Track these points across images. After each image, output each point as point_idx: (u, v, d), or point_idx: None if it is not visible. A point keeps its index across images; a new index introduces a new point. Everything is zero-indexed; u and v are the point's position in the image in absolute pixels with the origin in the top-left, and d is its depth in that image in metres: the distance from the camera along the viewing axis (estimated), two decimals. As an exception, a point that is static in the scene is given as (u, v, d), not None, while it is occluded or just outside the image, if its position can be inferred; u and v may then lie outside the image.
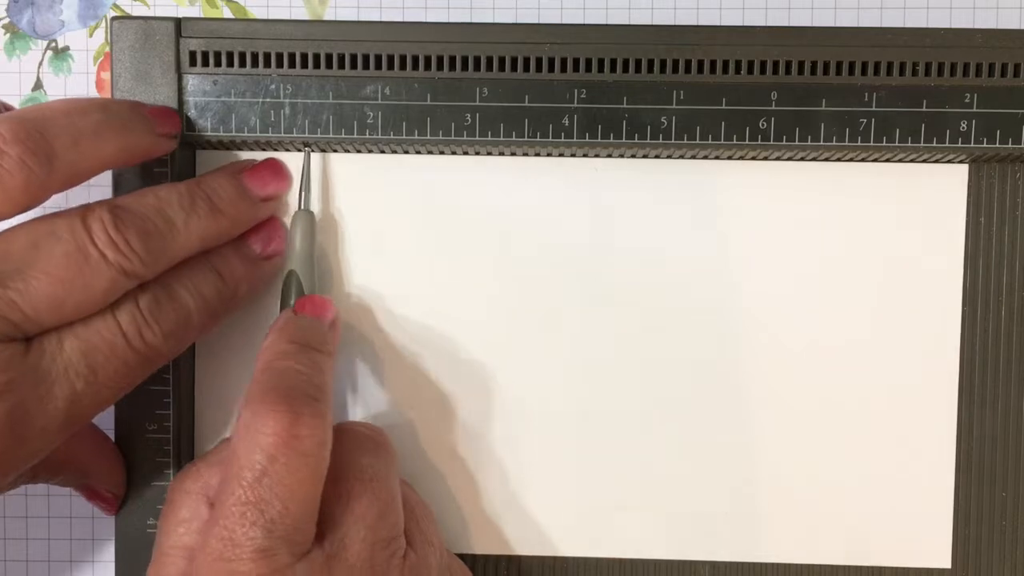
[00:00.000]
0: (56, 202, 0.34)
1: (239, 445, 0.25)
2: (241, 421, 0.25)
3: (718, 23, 0.34)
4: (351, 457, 0.27)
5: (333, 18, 0.34)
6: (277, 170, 0.31)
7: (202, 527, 0.25)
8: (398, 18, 0.34)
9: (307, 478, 0.25)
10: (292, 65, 0.30)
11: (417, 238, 0.32)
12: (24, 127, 0.25)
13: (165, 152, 0.30)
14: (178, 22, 0.30)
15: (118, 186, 0.30)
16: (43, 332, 0.25)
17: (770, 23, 0.34)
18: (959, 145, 0.30)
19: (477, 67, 0.30)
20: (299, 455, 0.25)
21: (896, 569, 0.32)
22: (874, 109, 0.30)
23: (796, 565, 0.32)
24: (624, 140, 0.30)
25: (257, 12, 0.35)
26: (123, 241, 0.26)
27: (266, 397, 0.25)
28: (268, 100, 0.30)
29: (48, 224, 0.26)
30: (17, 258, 0.25)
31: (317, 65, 0.30)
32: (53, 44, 0.35)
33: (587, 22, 0.34)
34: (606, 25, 0.34)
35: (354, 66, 0.30)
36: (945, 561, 0.32)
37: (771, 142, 0.30)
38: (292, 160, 0.31)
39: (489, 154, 0.31)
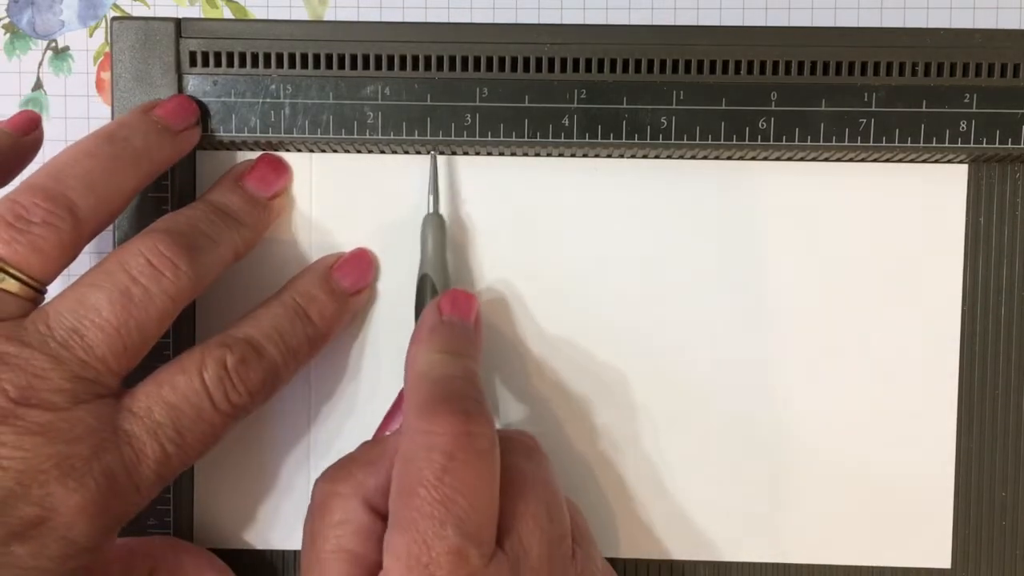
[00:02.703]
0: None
1: (413, 450, 0.25)
2: (410, 428, 0.25)
3: (718, 23, 0.34)
4: (511, 461, 0.27)
5: (333, 18, 0.35)
6: (275, 167, 0.31)
7: (368, 532, 0.25)
8: (398, 18, 0.34)
9: (486, 476, 0.24)
10: (292, 65, 0.30)
11: (417, 238, 0.32)
12: (40, 190, 0.26)
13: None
14: (178, 22, 0.30)
15: None
16: (133, 396, 0.26)
17: (770, 23, 0.34)
18: (959, 145, 0.30)
19: (477, 67, 0.30)
20: (476, 453, 0.24)
21: (896, 569, 0.32)
22: (874, 109, 0.30)
23: (796, 565, 0.32)
24: (624, 140, 0.30)
25: (257, 12, 0.35)
26: (170, 264, 0.26)
27: (436, 404, 0.25)
28: (268, 100, 0.30)
29: (90, 276, 0.26)
30: (69, 318, 0.25)
31: (317, 65, 0.30)
32: (53, 44, 0.35)
33: (587, 22, 0.34)
34: (606, 25, 0.34)
35: (354, 66, 0.30)
36: (945, 561, 0.32)
37: (771, 142, 0.30)
38: (292, 159, 0.31)
39: (489, 154, 0.31)
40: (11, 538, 0.23)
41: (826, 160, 0.31)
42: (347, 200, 0.32)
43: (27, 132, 0.29)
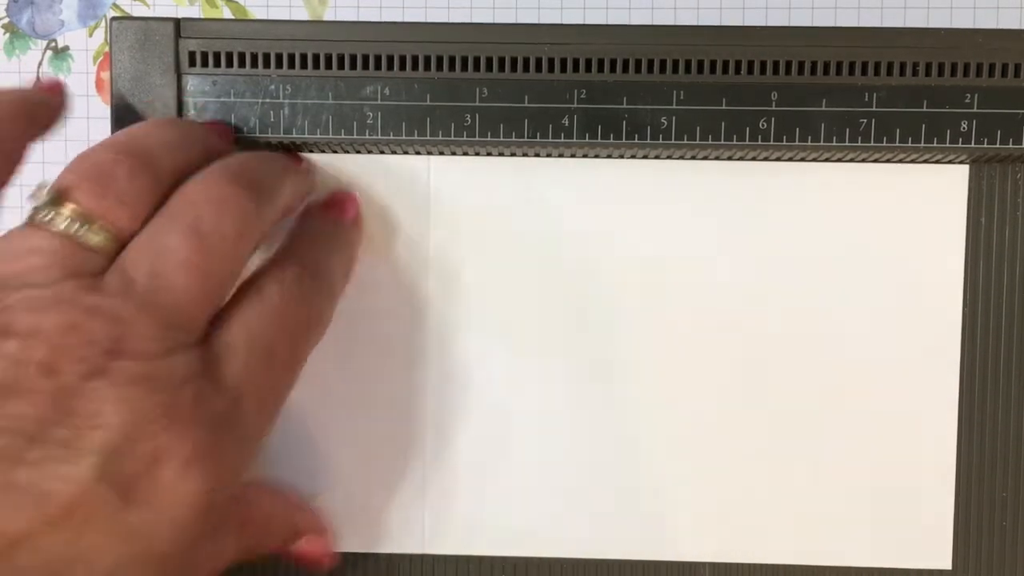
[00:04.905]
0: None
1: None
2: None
3: (718, 23, 0.34)
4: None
5: (333, 18, 0.35)
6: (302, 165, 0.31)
7: None
8: (398, 18, 0.35)
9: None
10: (291, 66, 0.30)
11: (417, 239, 0.32)
12: (122, 146, 0.26)
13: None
14: (177, 23, 0.30)
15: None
16: (219, 337, 0.25)
17: (770, 23, 0.34)
18: (959, 145, 0.30)
19: (477, 67, 0.30)
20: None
21: (896, 570, 0.32)
22: (874, 109, 0.30)
23: (796, 566, 0.32)
24: (624, 140, 0.30)
25: (257, 12, 0.35)
26: (235, 198, 0.26)
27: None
28: (267, 101, 0.30)
29: (156, 222, 0.25)
30: (146, 263, 0.24)
31: (316, 66, 0.30)
32: (53, 44, 0.35)
33: (587, 22, 0.34)
34: (606, 25, 0.34)
35: (354, 66, 0.30)
36: (945, 562, 0.32)
37: (771, 142, 0.30)
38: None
39: (489, 154, 0.31)
40: (126, 503, 0.22)
41: (826, 160, 0.31)
42: (347, 200, 0.32)
43: (55, 95, 0.29)
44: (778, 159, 0.31)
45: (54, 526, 0.21)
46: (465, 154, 0.31)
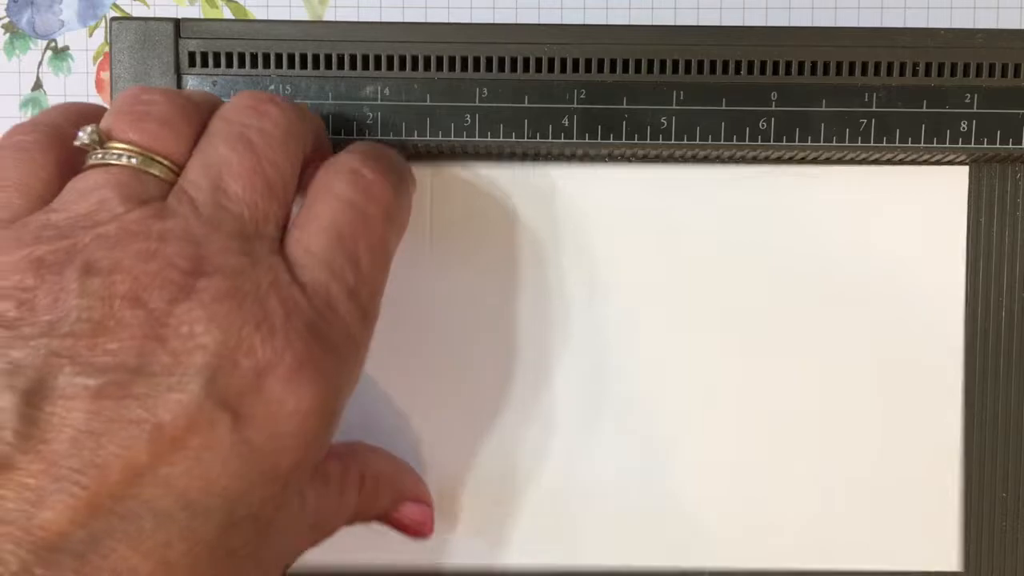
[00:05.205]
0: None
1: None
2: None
3: (718, 23, 0.34)
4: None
5: (333, 18, 0.35)
6: None
7: None
8: (398, 18, 0.35)
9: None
10: (291, 66, 0.30)
11: (417, 239, 0.32)
12: (144, 86, 0.26)
13: None
14: (177, 23, 0.30)
15: None
16: (291, 248, 0.25)
17: (770, 23, 0.34)
18: (960, 146, 0.30)
19: (477, 67, 0.30)
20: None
21: (904, 573, 0.32)
22: (874, 109, 0.30)
23: (800, 571, 0.32)
24: (624, 140, 0.30)
25: (257, 12, 0.35)
26: (267, 103, 0.26)
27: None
28: (267, 101, 0.30)
29: (201, 143, 0.25)
30: (204, 180, 0.24)
31: (316, 66, 0.30)
32: (53, 44, 0.35)
33: (587, 22, 0.34)
34: (606, 25, 0.34)
35: (353, 67, 0.30)
36: (954, 564, 0.32)
37: (771, 142, 0.30)
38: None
39: (489, 153, 0.31)
40: (239, 423, 0.22)
41: (826, 160, 0.31)
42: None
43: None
44: (778, 159, 0.31)
45: (173, 455, 0.21)
46: (465, 152, 0.31)
